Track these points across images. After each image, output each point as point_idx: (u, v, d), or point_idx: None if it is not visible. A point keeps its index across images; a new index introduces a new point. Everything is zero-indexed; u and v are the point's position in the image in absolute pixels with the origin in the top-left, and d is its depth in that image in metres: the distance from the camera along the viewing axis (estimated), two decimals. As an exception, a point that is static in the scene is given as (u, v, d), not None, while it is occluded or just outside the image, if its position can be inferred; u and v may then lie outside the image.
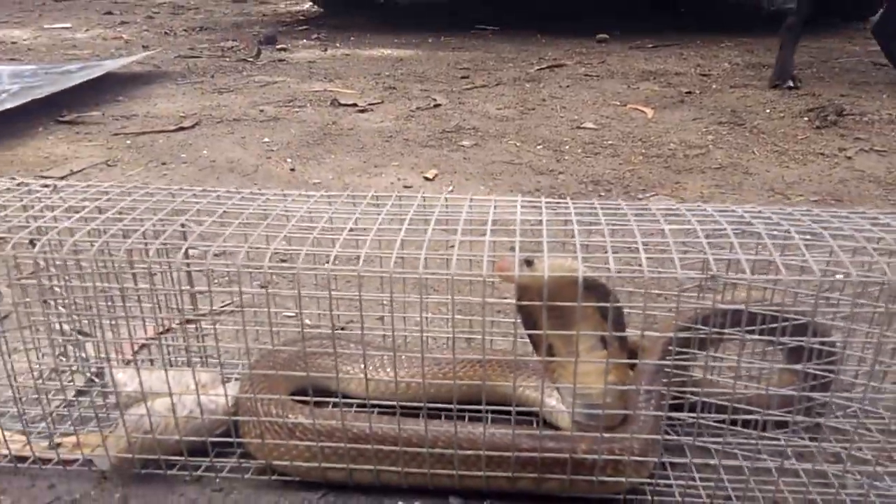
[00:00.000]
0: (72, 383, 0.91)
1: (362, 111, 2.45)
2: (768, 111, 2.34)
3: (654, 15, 4.23)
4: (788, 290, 0.75)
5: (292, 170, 1.84)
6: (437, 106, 2.51)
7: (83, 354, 0.93)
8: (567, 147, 2.02)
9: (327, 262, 0.69)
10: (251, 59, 3.42)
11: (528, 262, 0.70)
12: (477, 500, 0.75)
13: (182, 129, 2.23)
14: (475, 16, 4.39)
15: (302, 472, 0.76)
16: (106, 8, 5.31)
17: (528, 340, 0.78)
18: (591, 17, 4.18)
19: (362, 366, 0.86)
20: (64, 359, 0.93)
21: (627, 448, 0.72)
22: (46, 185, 0.90)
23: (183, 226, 0.78)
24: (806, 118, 2.23)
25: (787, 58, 2.63)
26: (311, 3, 5.33)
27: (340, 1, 5.06)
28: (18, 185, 0.91)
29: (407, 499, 0.75)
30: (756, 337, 0.75)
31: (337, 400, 0.74)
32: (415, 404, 0.76)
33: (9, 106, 2.16)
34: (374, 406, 0.84)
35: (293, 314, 1.00)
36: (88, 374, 0.93)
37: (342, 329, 1.09)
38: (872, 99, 2.44)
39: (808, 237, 0.69)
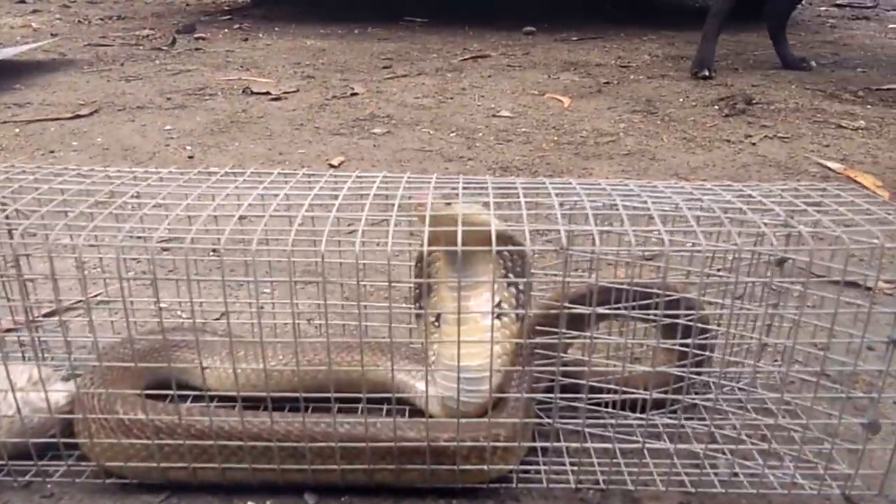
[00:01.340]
0: None
1: (276, 99, 2.37)
2: (681, 100, 2.36)
3: (583, 10, 4.26)
4: (636, 262, 0.73)
5: (190, 157, 1.75)
6: (353, 95, 2.45)
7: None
8: (480, 135, 1.99)
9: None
10: (165, 48, 3.28)
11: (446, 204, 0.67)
12: (334, 496, 0.70)
13: (79, 116, 2.10)
14: (404, 8, 4.33)
15: (140, 474, 0.70)
16: (18, -5, 5.03)
17: (393, 325, 0.73)
18: (520, 10, 4.18)
19: (201, 357, 0.80)
20: None
21: (491, 434, 0.68)
22: None
23: (2, 204, 0.70)
24: (716, 107, 2.26)
25: (708, 48, 2.67)
26: (237, -7, 5.18)
27: (267, -10, 4.94)
28: None
29: (258, 498, 0.70)
30: (620, 313, 0.72)
31: (173, 392, 0.67)
32: (259, 394, 0.70)
33: None
34: (222, 399, 0.78)
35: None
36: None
37: (216, 319, 1.02)
38: (781, 89, 2.49)
39: (666, 209, 0.67)
